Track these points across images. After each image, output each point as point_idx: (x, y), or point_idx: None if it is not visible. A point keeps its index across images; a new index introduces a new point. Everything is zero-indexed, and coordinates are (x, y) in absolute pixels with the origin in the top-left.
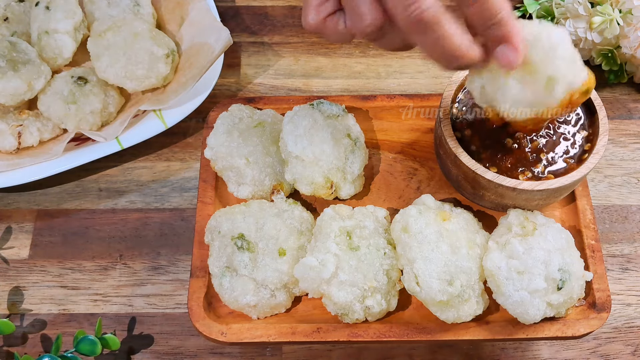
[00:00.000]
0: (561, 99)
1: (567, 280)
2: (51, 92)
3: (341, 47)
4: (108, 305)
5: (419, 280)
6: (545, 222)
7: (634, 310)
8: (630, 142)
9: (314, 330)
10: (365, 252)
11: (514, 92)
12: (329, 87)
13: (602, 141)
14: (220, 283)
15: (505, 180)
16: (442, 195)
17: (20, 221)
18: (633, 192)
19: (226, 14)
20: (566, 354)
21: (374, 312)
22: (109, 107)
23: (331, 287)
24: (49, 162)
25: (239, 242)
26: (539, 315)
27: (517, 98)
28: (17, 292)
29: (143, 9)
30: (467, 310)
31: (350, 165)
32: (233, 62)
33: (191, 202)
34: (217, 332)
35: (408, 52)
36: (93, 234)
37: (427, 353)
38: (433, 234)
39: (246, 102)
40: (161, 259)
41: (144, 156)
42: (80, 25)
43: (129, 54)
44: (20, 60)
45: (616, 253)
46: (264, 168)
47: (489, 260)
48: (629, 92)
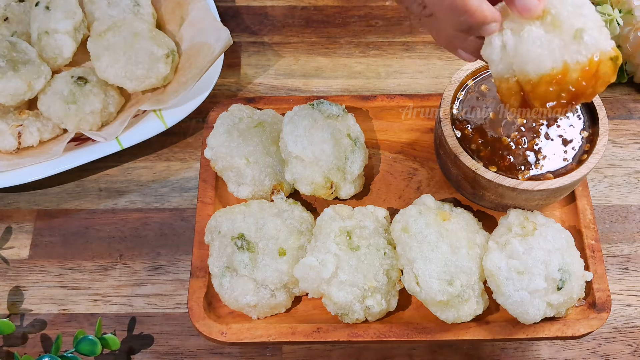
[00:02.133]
0: (589, 59)
1: (567, 280)
2: (51, 92)
3: (341, 47)
4: (108, 305)
5: (419, 280)
6: (545, 222)
7: (634, 310)
8: (630, 142)
9: (314, 330)
10: (365, 252)
11: (540, 42)
12: (329, 87)
13: (602, 141)
14: (220, 283)
15: (505, 180)
16: (442, 195)
17: (20, 221)
18: (633, 192)
19: (226, 14)
20: (566, 354)
21: (374, 312)
22: (109, 107)
23: (331, 287)
24: (49, 162)
25: (239, 242)
26: (539, 315)
27: (543, 48)
28: (17, 292)
29: (143, 9)
30: (467, 310)
31: (350, 165)
32: (233, 62)
33: (191, 202)
34: (217, 332)
35: (408, 52)
36: (93, 234)
37: (427, 353)
38: (433, 234)
39: (246, 102)
40: (161, 259)
41: (144, 156)
42: (80, 25)
43: (129, 54)
44: (20, 60)
45: (616, 253)
46: (264, 168)
47: (489, 260)
48: (629, 92)
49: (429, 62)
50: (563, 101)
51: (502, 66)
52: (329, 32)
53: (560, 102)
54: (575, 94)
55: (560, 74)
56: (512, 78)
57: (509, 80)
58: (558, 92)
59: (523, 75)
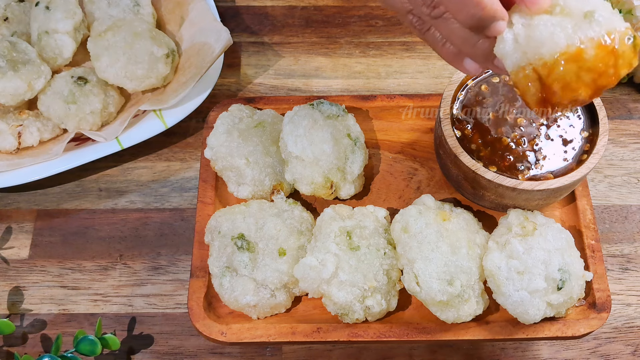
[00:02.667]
0: (606, 32)
1: (567, 280)
2: (51, 92)
3: (341, 47)
4: (108, 305)
5: (419, 280)
6: (545, 222)
7: (634, 310)
8: (630, 142)
9: (314, 330)
10: (365, 252)
11: (551, 23)
12: (329, 87)
13: (602, 141)
14: (220, 283)
15: (505, 180)
16: (442, 195)
17: (20, 221)
18: (633, 192)
19: (226, 14)
20: (566, 354)
21: (374, 312)
22: (109, 107)
23: (331, 287)
24: (49, 162)
25: (239, 242)
26: (539, 315)
27: (555, 28)
28: (17, 292)
29: (143, 9)
30: (467, 310)
31: (350, 165)
32: (233, 62)
33: (191, 202)
34: (217, 332)
35: (408, 52)
36: (93, 234)
37: (427, 353)
38: (433, 234)
39: (246, 102)
40: (161, 259)
41: (144, 156)
42: (80, 25)
43: (129, 54)
44: (20, 60)
45: (616, 253)
46: (264, 168)
47: (489, 260)
48: (629, 92)
49: (429, 62)
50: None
51: (517, 55)
52: (329, 32)
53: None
54: (597, 74)
55: (576, 51)
56: (528, 67)
57: (525, 70)
58: (577, 71)
59: (538, 58)
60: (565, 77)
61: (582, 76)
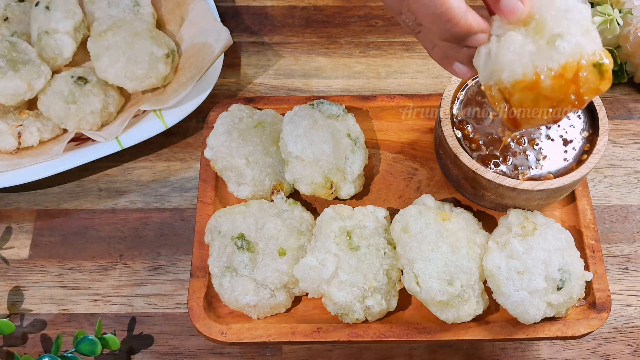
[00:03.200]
0: (565, 63)
1: (567, 280)
2: (51, 92)
3: (341, 47)
4: (108, 305)
5: (419, 280)
6: (545, 222)
7: (634, 310)
8: (630, 142)
9: (314, 330)
10: (365, 252)
11: (513, 48)
12: (329, 87)
13: (602, 141)
14: (220, 283)
15: (505, 180)
16: (442, 195)
17: (20, 221)
18: (633, 192)
19: (226, 14)
20: (566, 354)
21: (374, 312)
22: (109, 107)
23: (331, 287)
24: (49, 162)
25: (239, 242)
26: (539, 315)
27: (514, 54)
28: (17, 292)
29: (143, 9)
30: (467, 310)
31: (350, 165)
32: (233, 62)
33: (191, 202)
34: (217, 332)
35: (408, 52)
36: (93, 234)
37: (427, 353)
38: (433, 234)
39: (246, 102)
40: (161, 259)
41: (144, 156)
42: (80, 25)
43: (129, 54)
44: (20, 60)
45: (616, 253)
46: (264, 168)
47: (489, 260)
48: (629, 92)
49: (429, 62)
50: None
51: (485, 73)
52: (329, 32)
53: (542, 110)
54: (556, 102)
55: (532, 81)
56: (494, 86)
57: (491, 89)
58: (534, 99)
59: (500, 82)
60: (523, 103)
61: (539, 103)
